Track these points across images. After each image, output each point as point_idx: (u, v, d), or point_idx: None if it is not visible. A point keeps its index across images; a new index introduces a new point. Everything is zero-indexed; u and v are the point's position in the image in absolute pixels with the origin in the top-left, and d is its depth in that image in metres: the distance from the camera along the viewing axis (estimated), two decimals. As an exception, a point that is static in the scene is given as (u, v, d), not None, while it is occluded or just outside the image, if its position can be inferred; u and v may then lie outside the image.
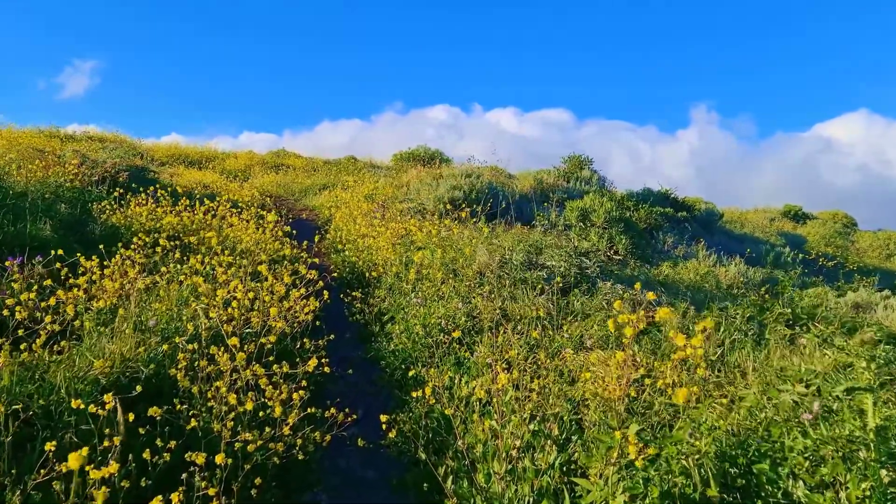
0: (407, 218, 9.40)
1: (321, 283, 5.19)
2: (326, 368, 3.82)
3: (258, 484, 2.92)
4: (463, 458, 3.23)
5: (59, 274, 4.53)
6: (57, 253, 4.63)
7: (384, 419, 3.39)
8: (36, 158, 9.33)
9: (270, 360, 3.88)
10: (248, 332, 4.35)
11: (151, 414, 2.97)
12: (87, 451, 2.16)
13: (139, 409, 3.09)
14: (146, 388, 3.28)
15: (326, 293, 5.07)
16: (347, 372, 4.66)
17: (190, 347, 3.68)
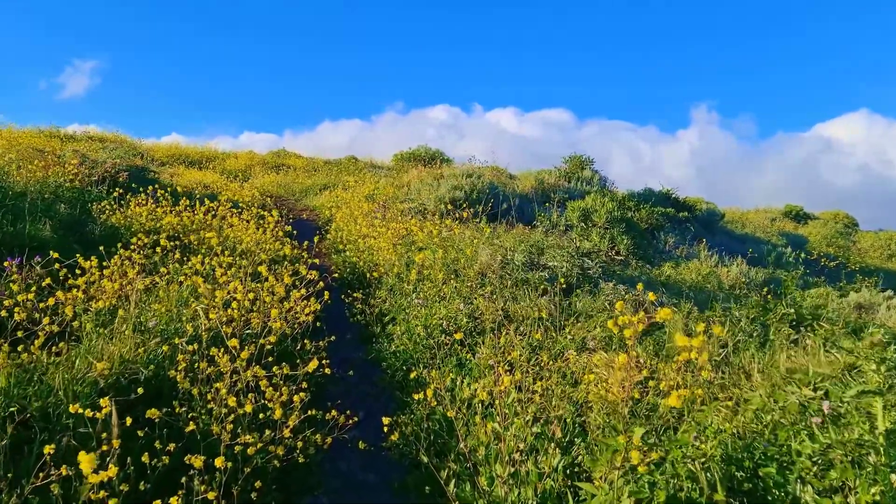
0: (408, 218, 9.37)
1: (322, 283, 5.16)
2: (327, 370, 3.78)
3: (258, 487, 2.90)
4: (465, 460, 3.20)
5: (58, 274, 4.50)
6: (56, 254, 4.60)
7: (386, 422, 3.36)
8: (35, 158, 9.30)
9: (270, 361, 3.85)
10: (248, 333, 4.32)
11: (150, 416, 2.94)
12: (85, 454, 2.12)
13: (138, 410, 3.06)
14: (146, 389, 3.25)
15: (327, 294, 5.04)
16: (348, 373, 4.63)
17: (190, 349, 3.65)
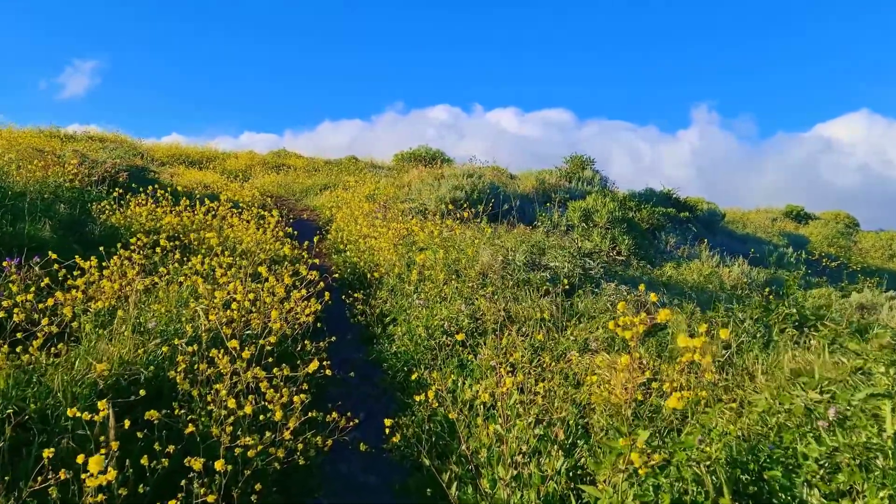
0: (409, 218, 9.35)
1: (322, 284, 5.13)
2: (328, 371, 3.76)
3: (258, 490, 2.87)
4: (467, 462, 3.17)
5: (57, 275, 4.47)
6: (55, 254, 4.57)
7: (388, 423, 3.33)
8: (35, 158, 9.28)
9: (271, 362, 3.82)
10: (248, 333, 4.29)
11: (149, 417, 2.91)
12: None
13: (138, 412, 3.03)
14: (145, 390, 3.22)
15: (328, 294, 5.02)
16: (349, 374, 4.61)
17: (189, 350, 3.63)
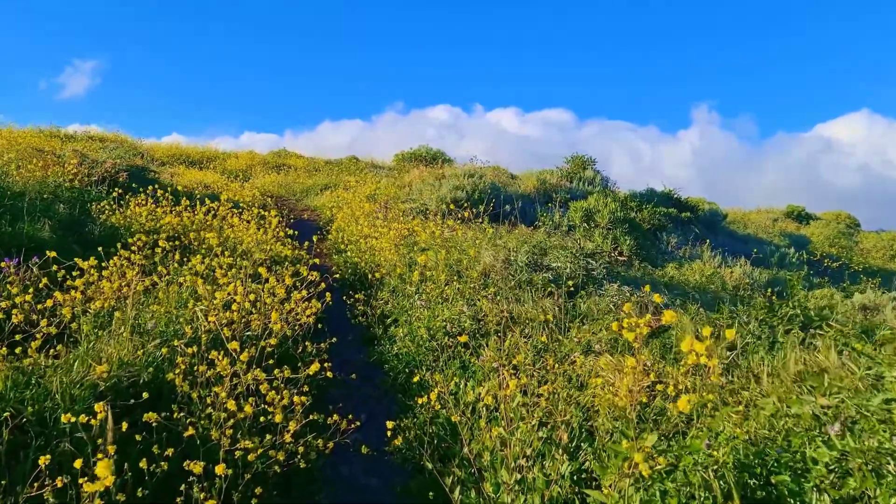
0: (409, 218, 9.31)
1: (323, 284, 5.10)
2: (329, 373, 3.72)
3: (259, 493, 2.83)
4: (469, 465, 3.14)
5: (56, 275, 4.44)
6: (55, 254, 4.54)
7: (389, 426, 3.29)
8: (35, 158, 9.24)
9: (271, 363, 3.79)
10: (248, 335, 4.26)
11: (147, 420, 2.88)
12: (80, 462, 2.06)
13: (137, 414, 3.00)
14: (144, 392, 3.18)
15: (328, 295, 4.98)
16: (350, 376, 4.57)
17: (189, 351, 3.59)
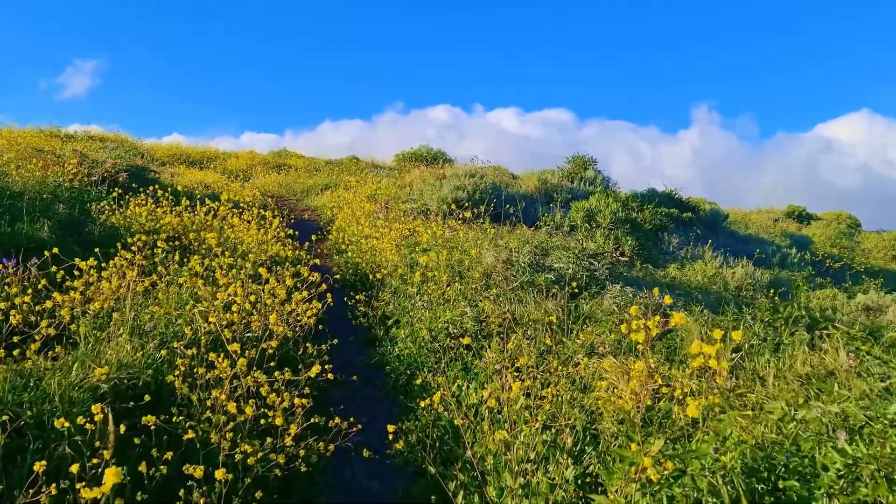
0: (410, 219, 9.28)
1: (324, 285, 5.06)
2: (330, 375, 3.68)
3: (259, 497, 2.80)
4: (472, 469, 3.10)
5: (55, 276, 4.41)
6: (53, 254, 4.51)
7: (391, 429, 3.26)
8: (35, 158, 9.21)
9: (272, 365, 3.75)
10: (248, 336, 4.22)
11: (146, 423, 2.84)
12: (76, 468, 2.03)
13: (136, 417, 2.96)
14: (144, 395, 3.15)
15: (329, 296, 4.95)
16: (351, 378, 4.53)
17: (189, 353, 3.55)
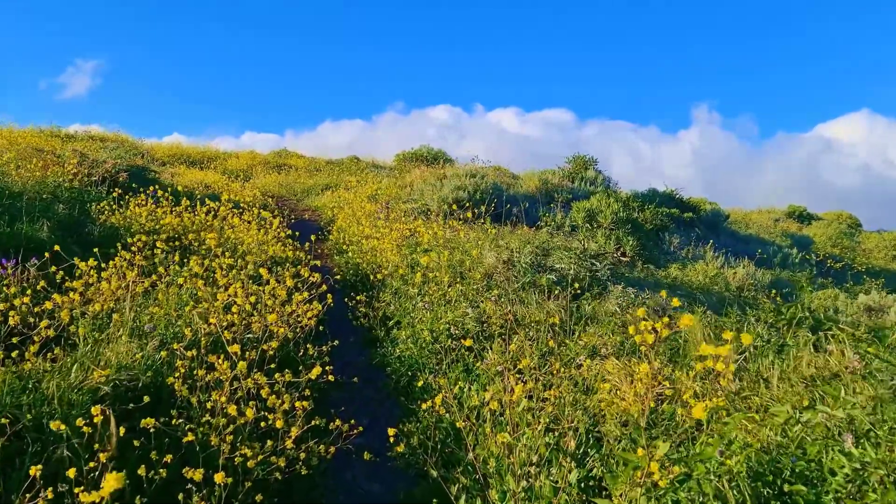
0: (411, 219, 9.25)
1: (324, 286, 5.04)
2: (331, 377, 3.66)
3: (259, 500, 2.77)
4: (474, 471, 3.08)
5: (54, 277, 4.38)
6: (53, 254, 4.48)
7: (391, 432, 3.23)
8: (34, 158, 9.19)
9: (272, 367, 3.73)
10: (248, 337, 4.20)
11: (145, 425, 2.82)
12: (74, 472, 2.00)
13: (135, 419, 2.94)
14: (144, 397, 3.13)
15: (330, 296, 4.92)
16: (352, 379, 4.51)
17: (189, 354, 3.52)
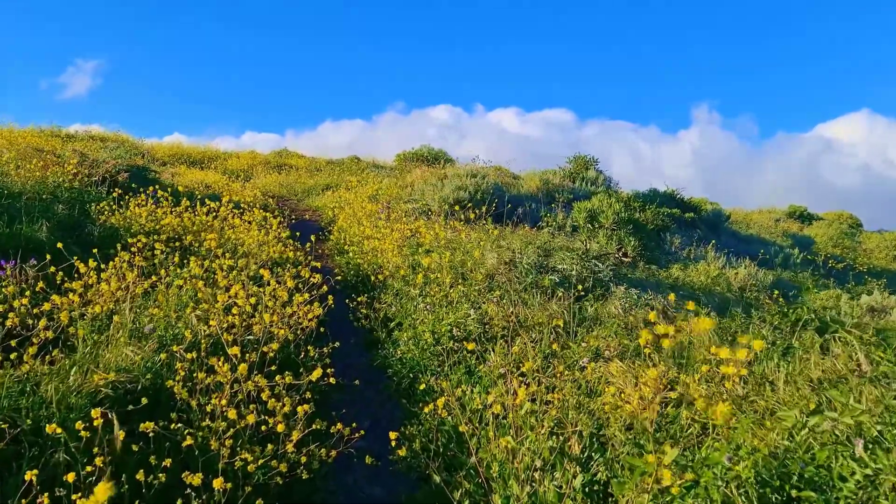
0: (412, 219, 9.21)
1: (325, 287, 5.00)
2: (332, 379, 3.62)
3: (260, 505, 2.74)
4: (477, 475, 3.04)
5: (53, 278, 4.35)
6: (52, 254, 4.45)
7: (393, 436, 3.20)
8: (34, 158, 9.15)
9: (273, 369, 3.69)
10: (249, 339, 4.16)
11: (143, 429, 2.78)
12: (73, 477, 1.97)
13: (134, 423, 2.90)
14: (143, 398, 3.09)
15: (331, 297, 4.89)
16: (353, 381, 4.47)
17: (189, 357, 3.49)
